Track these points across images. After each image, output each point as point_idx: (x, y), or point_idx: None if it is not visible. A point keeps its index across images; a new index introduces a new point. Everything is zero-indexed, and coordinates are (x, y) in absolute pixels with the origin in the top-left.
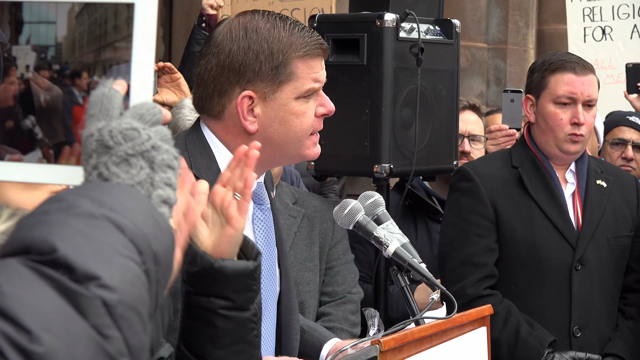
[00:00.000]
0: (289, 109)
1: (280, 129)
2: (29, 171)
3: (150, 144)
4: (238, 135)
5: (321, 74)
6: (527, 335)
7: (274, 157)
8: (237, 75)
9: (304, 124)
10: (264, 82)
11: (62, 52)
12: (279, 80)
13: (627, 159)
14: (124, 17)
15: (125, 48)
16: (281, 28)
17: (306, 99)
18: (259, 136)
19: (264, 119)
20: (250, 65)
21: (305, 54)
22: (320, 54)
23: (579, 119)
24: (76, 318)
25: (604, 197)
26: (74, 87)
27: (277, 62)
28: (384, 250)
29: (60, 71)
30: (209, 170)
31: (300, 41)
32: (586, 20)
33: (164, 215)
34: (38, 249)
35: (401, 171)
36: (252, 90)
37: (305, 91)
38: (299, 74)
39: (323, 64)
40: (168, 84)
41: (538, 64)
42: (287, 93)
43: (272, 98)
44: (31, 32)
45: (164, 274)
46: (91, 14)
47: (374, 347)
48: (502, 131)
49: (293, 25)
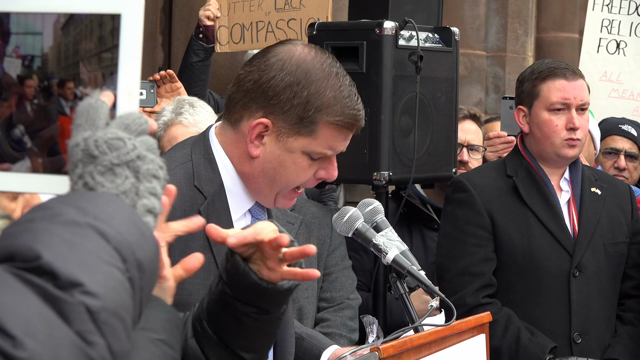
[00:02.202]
0: (293, 157)
1: (276, 169)
2: (17, 181)
3: (135, 154)
4: (242, 154)
5: (341, 145)
6: (528, 342)
7: (257, 190)
8: (266, 102)
9: (297, 178)
10: (285, 122)
11: (48, 62)
12: (299, 130)
13: (619, 168)
14: (109, 28)
15: (111, 59)
16: (331, 85)
17: (313, 158)
18: (258, 163)
19: (267, 152)
20: (282, 102)
21: (336, 123)
22: (350, 128)
23: (575, 124)
24: (60, 324)
25: (599, 204)
26: (60, 97)
27: (306, 115)
28: (383, 257)
29: (46, 81)
30: (211, 182)
31: (338, 108)
32: (603, 31)
33: (148, 224)
34: (22, 256)
35: (400, 179)
36: (271, 122)
37: (316, 153)
38: (319, 136)
39: (349, 137)
40: (168, 93)
41: (527, 74)
42: (300, 144)
43: (284, 139)
44: (18, 43)
45: (148, 281)
46: (76, 25)
47: (373, 354)
48: (500, 138)
49: (343, 88)
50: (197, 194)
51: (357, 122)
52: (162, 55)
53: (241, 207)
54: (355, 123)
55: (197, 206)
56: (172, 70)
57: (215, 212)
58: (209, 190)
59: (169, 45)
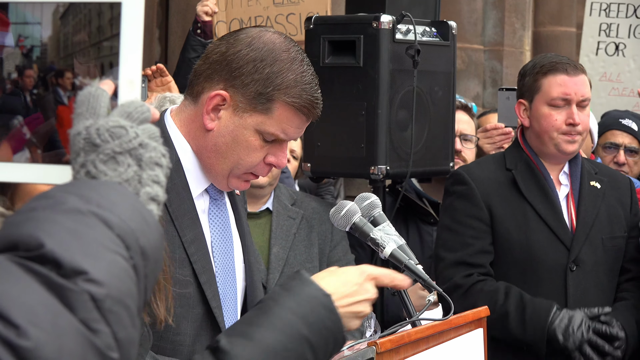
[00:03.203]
0: (245, 134)
1: (229, 143)
2: (18, 171)
3: (137, 142)
4: (198, 128)
5: (294, 131)
6: (532, 300)
7: (210, 167)
8: (229, 75)
9: (248, 156)
10: (243, 97)
11: (47, 52)
12: (255, 105)
13: (618, 163)
14: (108, 17)
15: (110, 48)
16: (293, 69)
17: (265, 140)
18: (211, 137)
19: (222, 126)
20: (244, 75)
21: (292, 104)
22: (305, 112)
23: (575, 120)
24: (64, 312)
25: (598, 199)
26: (58, 87)
27: (265, 91)
28: (381, 252)
29: (45, 71)
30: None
31: (297, 91)
32: (602, 34)
33: (152, 211)
34: (25, 245)
35: (397, 172)
36: (230, 95)
37: (268, 133)
38: (275, 116)
39: (303, 124)
40: (159, 87)
41: (528, 68)
42: (254, 121)
43: (240, 114)
44: (17, 33)
45: (153, 269)
46: (75, 14)
47: (371, 349)
48: (497, 130)
49: (306, 75)
50: None
51: (313, 108)
52: (159, 49)
53: (199, 186)
54: (311, 109)
55: None
56: (169, 64)
57: (175, 188)
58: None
59: (165, 39)
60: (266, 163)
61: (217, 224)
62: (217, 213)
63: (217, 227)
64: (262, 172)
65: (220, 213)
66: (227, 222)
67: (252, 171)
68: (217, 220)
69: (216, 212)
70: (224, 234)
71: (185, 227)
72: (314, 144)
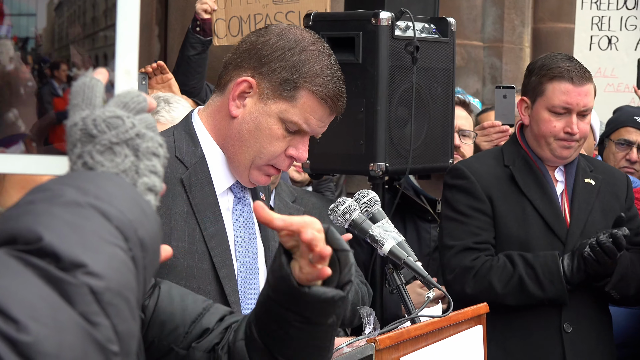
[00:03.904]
0: (268, 121)
1: (252, 131)
2: (14, 162)
3: (134, 132)
4: (224, 117)
5: (317, 123)
6: (536, 257)
7: (233, 157)
8: (257, 62)
9: (270, 145)
10: (270, 83)
11: (42, 44)
12: (280, 92)
13: (631, 160)
14: (102, 8)
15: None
16: (320, 60)
17: (288, 130)
18: (235, 124)
19: (247, 112)
20: (271, 61)
21: (317, 93)
22: (329, 104)
23: (573, 129)
24: (63, 306)
25: (592, 195)
26: (53, 79)
27: (291, 77)
28: (380, 248)
29: (40, 63)
30: (192, 155)
31: (322, 80)
32: (594, 28)
33: (149, 202)
34: (24, 238)
35: (397, 169)
36: (256, 82)
37: (290, 121)
38: (299, 104)
39: (326, 117)
40: (159, 84)
41: (537, 67)
42: (279, 108)
43: (265, 101)
44: (11, 24)
45: (151, 260)
46: (70, 5)
47: (370, 346)
48: (495, 127)
49: (332, 69)
50: (179, 163)
51: (337, 100)
52: (158, 46)
53: (224, 183)
54: (335, 101)
55: (178, 174)
56: (168, 61)
57: (198, 183)
58: (190, 161)
59: (165, 36)
60: (287, 156)
61: (240, 223)
62: (241, 212)
63: (240, 225)
64: (283, 165)
65: (244, 212)
66: (251, 223)
67: (272, 163)
68: (241, 219)
69: (240, 211)
70: (248, 234)
71: (207, 221)
72: (313, 140)
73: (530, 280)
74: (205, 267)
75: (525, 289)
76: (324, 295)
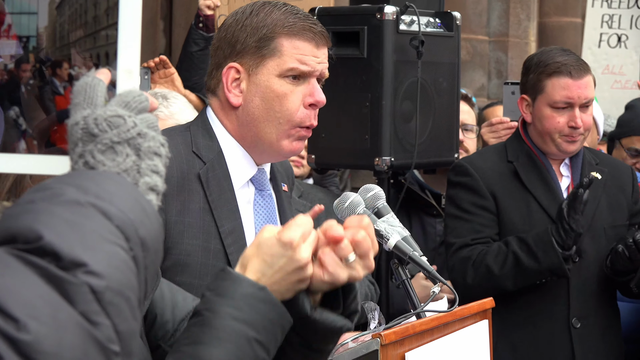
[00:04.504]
0: (269, 85)
1: (260, 105)
2: (16, 162)
3: (136, 131)
4: (228, 111)
5: (311, 59)
6: (529, 233)
7: (257, 140)
8: (230, 48)
9: (284, 105)
10: (249, 54)
11: (43, 42)
12: (261, 53)
13: None
14: (104, 7)
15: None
16: (277, 8)
17: (291, 82)
18: (242, 111)
19: (247, 93)
20: (240, 38)
21: (291, 32)
22: (309, 37)
23: (577, 123)
24: (64, 305)
25: (598, 189)
26: (54, 78)
27: (261, 34)
28: (385, 243)
29: (41, 62)
30: (210, 149)
31: (289, 19)
32: (604, 26)
33: (151, 201)
34: (24, 237)
35: (402, 164)
36: (239, 63)
37: (287, 69)
38: (283, 51)
39: (317, 51)
40: (162, 79)
41: (533, 64)
42: (269, 69)
43: (255, 72)
44: (13, 23)
45: (152, 259)
46: (71, 4)
47: (375, 341)
48: (503, 124)
49: (291, 9)
50: (196, 158)
51: (314, 29)
52: (163, 41)
53: (243, 176)
54: (314, 31)
55: (195, 170)
56: (173, 57)
57: (216, 178)
58: (207, 156)
59: (169, 31)
60: (307, 107)
61: (262, 214)
62: (263, 203)
63: (261, 217)
64: (308, 118)
65: (266, 204)
66: (273, 214)
67: (297, 123)
68: (263, 210)
69: (262, 202)
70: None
71: (224, 218)
72: (318, 135)
73: (524, 254)
74: (221, 265)
75: (521, 263)
76: (333, 324)
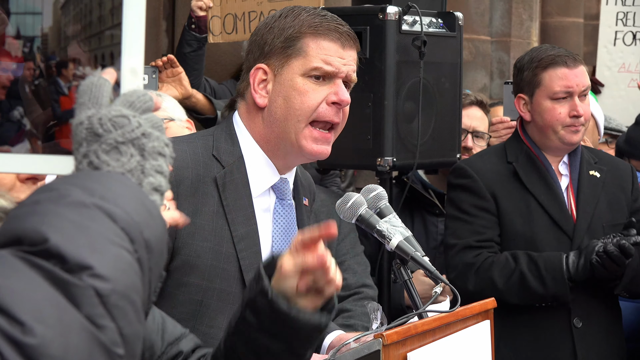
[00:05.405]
0: (293, 84)
1: (283, 104)
2: (20, 162)
3: (140, 131)
4: (254, 114)
5: (336, 60)
6: (541, 254)
7: (280, 140)
8: (259, 50)
9: (305, 102)
10: (275, 55)
11: (48, 42)
12: (287, 53)
13: None
14: (109, 7)
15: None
16: (307, 12)
17: (315, 81)
18: (267, 112)
19: (272, 94)
20: (268, 39)
21: (317, 32)
22: (335, 38)
23: (578, 112)
24: (69, 308)
25: (597, 188)
26: (59, 78)
27: (288, 35)
28: (387, 243)
29: (46, 62)
30: (230, 154)
31: (314, 20)
32: (619, 24)
33: (155, 202)
34: (29, 239)
35: (404, 164)
36: (266, 64)
37: (311, 69)
38: (308, 51)
39: (342, 52)
40: (169, 78)
41: (526, 62)
42: (294, 68)
43: (280, 72)
44: (17, 23)
45: (157, 261)
46: (76, 4)
47: (377, 341)
48: (504, 123)
49: (321, 12)
50: (215, 162)
51: (340, 30)
52: (166, 41)
53: (264, 183)
54: (340, 32)
55: (212, 173)
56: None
57: (233, 183)
58: (227, 161)
59: (172, 31)
60: (329, 104)
61: (280, 223)
62: (283, 212)
63: (280, 226)
64: (329, 114)
65: (286, 213)
66: (292, 223)
67: (317, 117)
68: (282, 219)
69: (282, 211)
70: (287, 234)
71: (238, 223)
72: None
73: (532, 276)
74: (231, 269)
75: (527, 284)
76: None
